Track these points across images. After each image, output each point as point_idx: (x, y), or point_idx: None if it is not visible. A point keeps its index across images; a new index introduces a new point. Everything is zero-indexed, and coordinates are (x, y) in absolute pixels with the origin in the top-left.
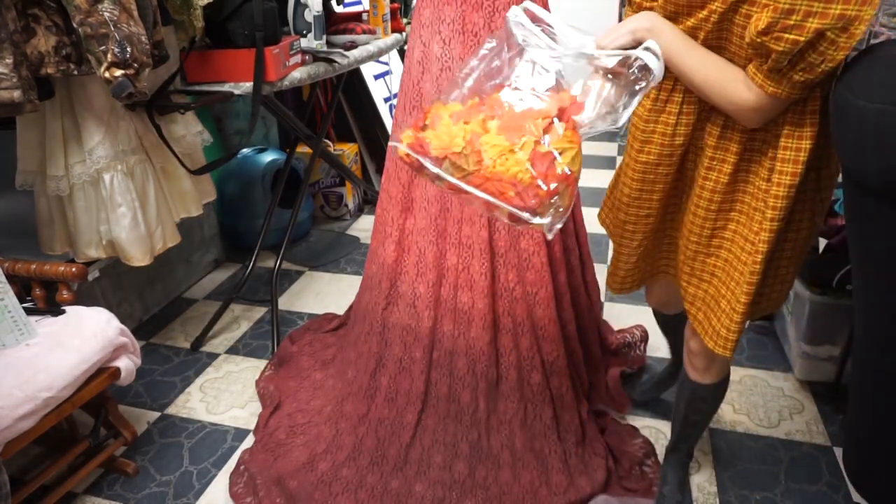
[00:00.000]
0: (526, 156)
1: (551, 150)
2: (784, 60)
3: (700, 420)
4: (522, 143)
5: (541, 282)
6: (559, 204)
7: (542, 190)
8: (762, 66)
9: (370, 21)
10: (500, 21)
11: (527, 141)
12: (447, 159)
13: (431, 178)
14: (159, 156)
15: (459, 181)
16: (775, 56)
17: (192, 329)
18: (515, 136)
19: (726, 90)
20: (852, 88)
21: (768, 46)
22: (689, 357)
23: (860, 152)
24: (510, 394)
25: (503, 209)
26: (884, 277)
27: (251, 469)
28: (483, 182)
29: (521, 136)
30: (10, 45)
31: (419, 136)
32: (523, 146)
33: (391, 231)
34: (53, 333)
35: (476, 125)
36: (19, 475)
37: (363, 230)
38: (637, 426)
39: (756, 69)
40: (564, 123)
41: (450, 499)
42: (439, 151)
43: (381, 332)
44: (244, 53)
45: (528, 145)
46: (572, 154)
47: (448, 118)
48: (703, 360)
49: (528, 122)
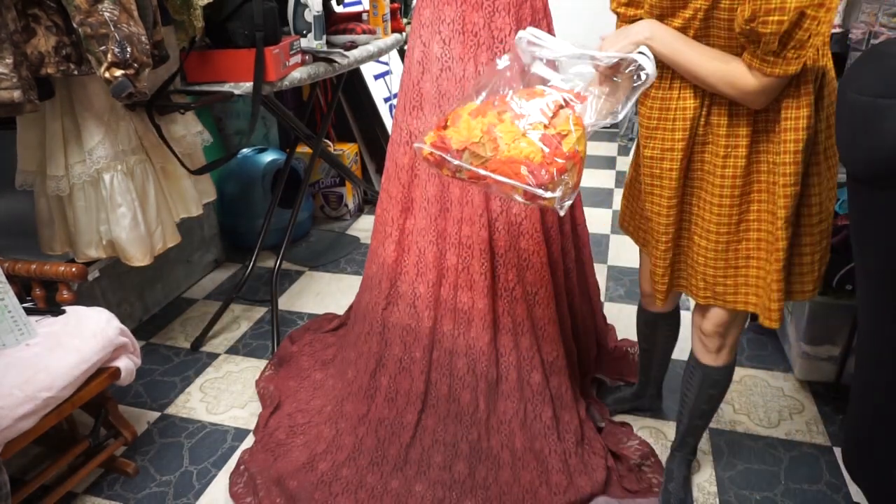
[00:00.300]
0: (537, 137)
1: (559, 132)
2: (774, 41)
3: (707, 410)
4: (533, 126)
5: (541, 282)
6: (568, 180)
7: (551, 166)
8: (756, 52)
9: (370, 21)
10: (500, 21)
11: (536, 124)
12: (467, 150)
13: (452, 172)
14: (159, 156)
15: (478, 168)
16: (766, 39)
17: (192, 329)
18: (527, 123)
19: (730, 78)
20: (849, 84)
21: (757, 31)
22: (702, 340)
23: (851, 142)
24: (510, 394)
25: (518, 188)
26: (883, 268)
27: (251, 469)
28: (500, 166)
29: (532, 123)
30: (10, 45)
31: (441, 134)
32: (534, 128)
33: (391, 231)
34: (53, 333)
35: (492, 117)
36: (19, 475)
37: (363, 230)
38: (638, 426)
39: (751, 56)
40: (570, 110)
41: (450, 499)
42: (459, 144)
43: (381, 332)
44: (244, 53)
45: (538, 127)
46: (578, 135)
47: (467, 115)
48: (716, 340)
49: (538, 109)
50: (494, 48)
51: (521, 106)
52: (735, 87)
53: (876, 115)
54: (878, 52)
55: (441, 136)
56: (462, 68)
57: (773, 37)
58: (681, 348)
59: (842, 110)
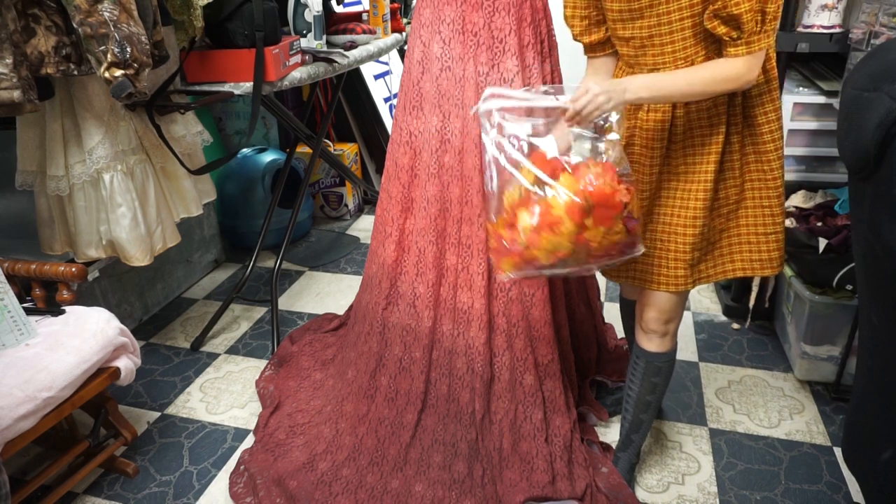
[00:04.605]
0: (622, 229)
1: (628, 217)
2: (753, 20)
3: (651, 401)
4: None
5: (537, 283)
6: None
7: (630, 235)
8: (739, 40)
9: (370, 21)
10: (500, 21)
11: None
12: (559, 261)
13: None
14: (159, 156)
15: (575, 268)
16: (745, 18)
17: (192, 329)
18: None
19: (721, 77)
20: (847, 81)
21: (733, 14)
22: (647, 326)
23: (843, 136)
24: (502, 394)
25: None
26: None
27: (251, 469)
28: (597, 258)
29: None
30: (10, 45)
31: (524, 255)
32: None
33: (391, 231)
34: (53, 333)
35: (571, 225)
36: (19, 475)
37: (363, 230)
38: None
39: (735, 45)
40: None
41: (449, 499)
42: (550, 258)
43: (382, 332)
44: (244, 53)
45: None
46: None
47: (526, 217)
48: (660, 326)
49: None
50: (494, 48)
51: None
52: (729, 81)
53: (860, 107)
54: (876, 51)
55: (524, 257)
56: (462, 68)
57: (751, 14)
58: (679, 347)
59: (840, 106)
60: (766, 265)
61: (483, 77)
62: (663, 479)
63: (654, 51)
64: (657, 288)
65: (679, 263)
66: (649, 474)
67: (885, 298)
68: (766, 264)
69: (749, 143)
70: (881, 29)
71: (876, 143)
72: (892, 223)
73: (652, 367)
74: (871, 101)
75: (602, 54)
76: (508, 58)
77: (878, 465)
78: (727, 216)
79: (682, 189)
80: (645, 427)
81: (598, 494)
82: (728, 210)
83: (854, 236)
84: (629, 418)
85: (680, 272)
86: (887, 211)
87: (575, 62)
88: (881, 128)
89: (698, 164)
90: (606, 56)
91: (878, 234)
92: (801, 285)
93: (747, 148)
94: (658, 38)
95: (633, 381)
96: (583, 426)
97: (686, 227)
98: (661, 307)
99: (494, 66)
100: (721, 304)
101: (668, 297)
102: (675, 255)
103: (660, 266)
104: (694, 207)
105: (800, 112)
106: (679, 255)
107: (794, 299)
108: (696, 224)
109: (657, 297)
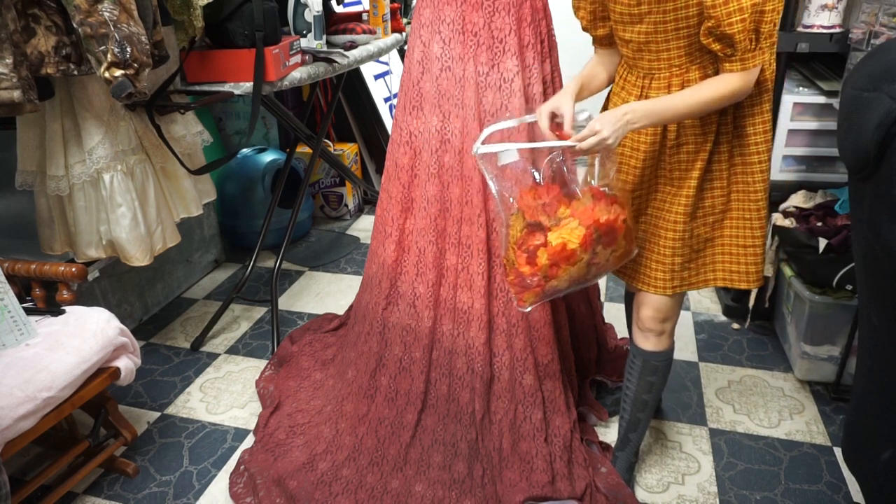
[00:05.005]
0: (624, 243)
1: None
2: (747, 39)
3: (648, 400)
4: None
5: None
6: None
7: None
8: (735, 56)
9: (370, 21)
10: (500, 21)
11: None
12: (573, 284)
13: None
14: (159, 156)
15: (585, 285)
16: (738, 38)
17: (192, 329)
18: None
19: (719, 94)
20: (847, 81)
21: (727, 34)
22: (643, 325)
23: (843, 136)
24: (501, 394)
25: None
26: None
27: (251, 469)
28: (604, 271)
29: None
30: (10, 45)
31: (545, 288)
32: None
33: (391, 231)
34: (53, 333)
35: (585, 255)
36: (19, 475)
37: (363, 230)
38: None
39: (730, 62)
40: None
41: (449, 499)
42: (568, 284)
43: (382, 332)
44: (244, 53)
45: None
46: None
47: (544, 254)
48: (657, 324)
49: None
50: (494, 48)
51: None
52: (727, 97)
53: (860, 107)
54: (875, 52)
55: (545, 290)
56: (462, 68)
57: (744, 34)
58: (679, 347)
59: (840, 106)
60: (744, 278)
61: (483, 77)
62: (663, 478)
63: (650, 56)
64: (641, 287)
65: (659, 266)
66: (649, 474)
67: (885, 298)
68: (744, 277)
69: (738, 153)
70: (881, 29)
71: (876, 143)
72: (892, 223)
73: (649, 366)
74: (871, 101)
75: (609, 47)
76: (508, 58)
77: (878, 465)
78: (712, 225)
79: (670, 193)
80: (642, 426)
81: (598, 494)
82: (714, 219)
83: (854, 236)
84: (626, 417)
85: (659, 275)
86: (887, 211)
87: (575, 62)
88: (881, 128)
89: (687, 170)
90: (613, 49)
91: (878, 234)
92: (801, 285)
93: (735, 158)
94: (654, 44)
95: (630, 379)
96: (583, 426)
97: (667, 231)
98: (656, 306)
99: (494, 66)
100: (721, 304)
101: (661, 297)
102: (656, 258)
103: (646, 266)
104: (676, 212)
105: (800, 112)
106: (659, 259)
107: (794, 299)
108: (676, 229)
109: (651, 296)
